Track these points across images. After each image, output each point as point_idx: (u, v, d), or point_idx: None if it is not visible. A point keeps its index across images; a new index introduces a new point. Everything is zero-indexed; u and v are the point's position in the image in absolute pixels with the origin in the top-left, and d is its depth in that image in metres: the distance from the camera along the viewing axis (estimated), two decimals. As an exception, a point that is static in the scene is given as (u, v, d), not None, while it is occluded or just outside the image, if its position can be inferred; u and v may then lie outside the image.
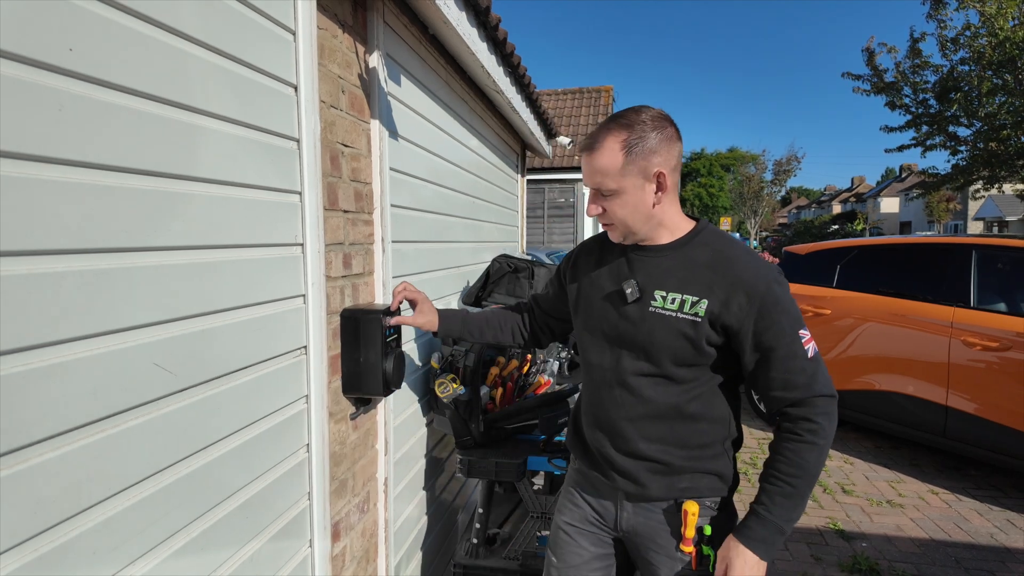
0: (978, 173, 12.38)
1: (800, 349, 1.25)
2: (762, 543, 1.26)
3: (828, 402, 1.26)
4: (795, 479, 1.25)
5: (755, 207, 30.05)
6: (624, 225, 1.32)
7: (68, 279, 0.82)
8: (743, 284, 1.26)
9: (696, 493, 1.36)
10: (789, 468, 1.25)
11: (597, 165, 1.27)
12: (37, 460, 0.78)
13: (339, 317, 1.62)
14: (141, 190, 0.95)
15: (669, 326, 1.30)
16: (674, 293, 1.30)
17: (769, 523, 1.26)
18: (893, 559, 3.04)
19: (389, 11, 1.89)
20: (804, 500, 1.27)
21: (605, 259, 1.44)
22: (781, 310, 1.25)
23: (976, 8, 10.17)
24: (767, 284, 1.26)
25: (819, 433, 1.25)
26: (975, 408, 3.77)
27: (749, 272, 1.27)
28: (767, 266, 1.30)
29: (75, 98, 0.83)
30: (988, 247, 4.06)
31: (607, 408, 1.40)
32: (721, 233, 1.38)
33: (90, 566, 0.86)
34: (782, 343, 1.25)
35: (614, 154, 1.25)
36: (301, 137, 1.40)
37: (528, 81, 3.36)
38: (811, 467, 1.25)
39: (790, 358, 1.25)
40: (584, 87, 12.48)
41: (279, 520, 1.35)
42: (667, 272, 1.33)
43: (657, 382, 1.34)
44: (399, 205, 2.03)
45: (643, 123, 1.26)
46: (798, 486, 1.25)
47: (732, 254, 1.31)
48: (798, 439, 1.25)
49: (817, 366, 1.27)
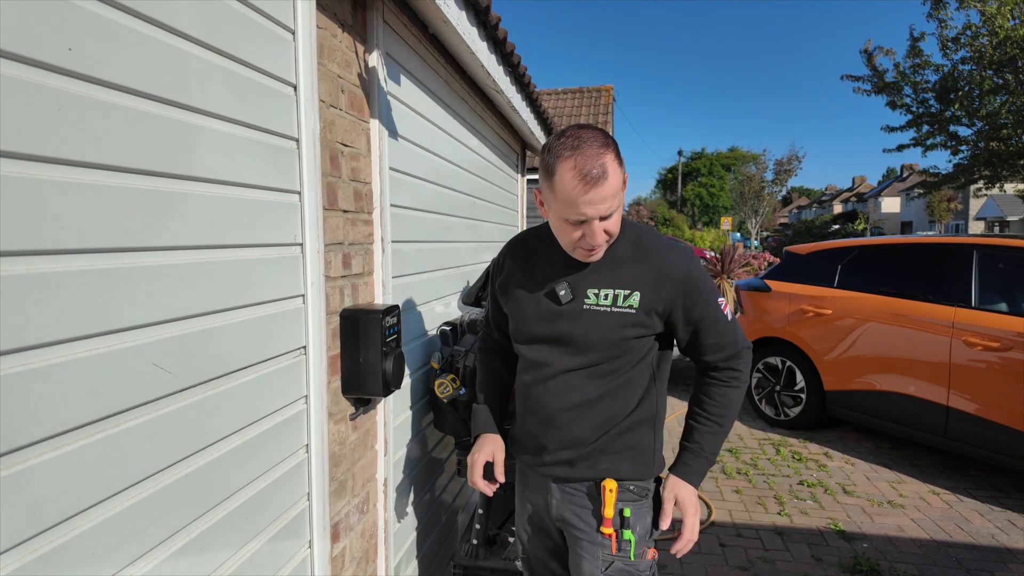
0: (979, 172, 12.38)
1: (721, 315, 1.42)
2: (697, 475, 1.44)
3: (747, 352, 1.46)
4: (722, 417, 1.44)
5: (756, 207, 30.03)
6: (610, 239, 1.34)
7: (68, 279, 0.82)
8: (667, 271, 1.37)
9: (616, 475, 1.43)
10: (717, 408, 1.44)
11: (608, 191, 1.24)
12: (36, 460, 0.78)
13: (339, 317, 1.62)
14: (141, 190, 0.94)
15: (605, 320, 1.37)
16: (606, 289, 1.37)
17: (702, 457, 1.44)
18: (894, 559, 3.04)
19: (389, 10, 1.89)
20: (727, 434, 1.47)
21: (532, 263, 1.48)
22: (701, 286, 1.39)
23: (977, 7, 10.16)
24: (686, 267, 1.38)
25: (741, 378, 1.45)
26: (976, 408, 3.77)
27: (669, 258, 1.38)
28: (680, 249, 1.42)
29: (75, 98, 0.83)
30: (989, 247, 4.05)
31: (543, 401, 1.45)
32: (635, 225, 1.45)
33: (89, 566, 0.86)
34: (708, 314, 1.40)
35: (617, 175, 1.26)
36: (300, 137, 1.40)
37: (528, 80, 3.36)
38: (734, 406, 1.45)
39: (716, 323, 1.41)
40: (584, 87, 12.47)
41: (278, 521, 1.35)
42: (594, 270, 1.39)
43: (592, 373, 1.41)
44: (399, 205, 2.02)
45: (611, 139, 1.28)
46: (724, 424, 1.44)
47: (648, 243, 1.41)
48: (725, 384, 1.45)
49: (735, 325, 1.45)
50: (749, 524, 3.43)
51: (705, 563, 3.02)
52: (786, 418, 5.06)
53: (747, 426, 5.17)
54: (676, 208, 46.18)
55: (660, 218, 32.31)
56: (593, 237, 1.29)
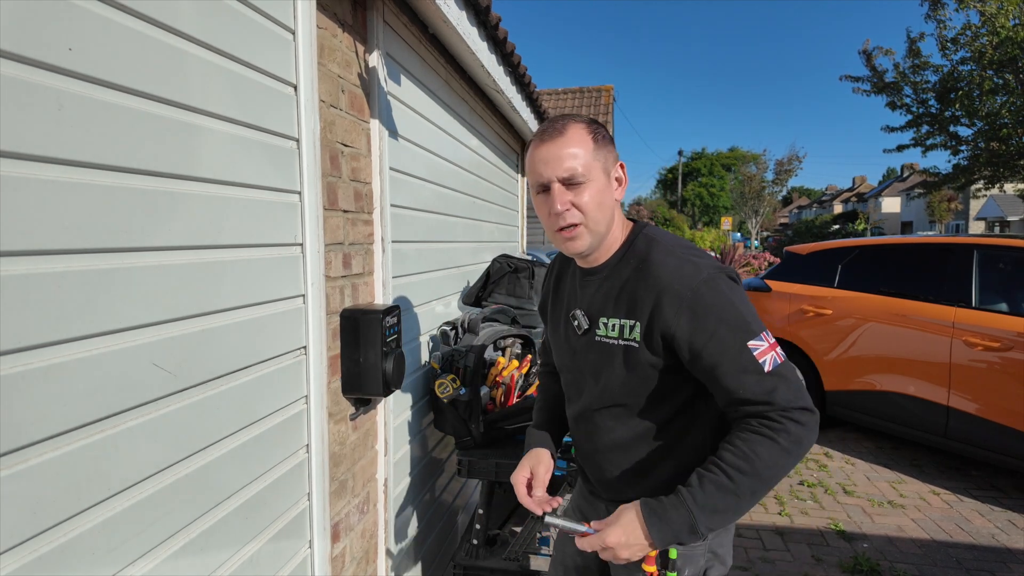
0: (979, 173, 12.38)
1: (751, 363, 1.05)
2: (662, 524, 1.04)
3: (800, 414, 1.04)
4: (736, 472, 1.02)
5: (756, 207, 30.02)
6: (592, 224, 1.15)
7: (68, 279, 0.82)
8: (666, 292, 1.09)
9: None
10: (734, 459, 1.03)
11: (565, 150, 1.11)
12: (37, 460, 0.78)
13: (339, 317, 1.62)
14: (141, 190, 0.94)
15: (615, 355, 1.18)
16: (614, 319, 1.18)
17: (682, 507, 1.04)
18: (894, 560, 3.04)
19: (389, 10, 1.89)
20: (738, 501, 1.03)
21: (560, 286, 1.35)
22: (716, 318, 1.06)
23: (976, 8, 10.16)
24: (692, 288, 1.08)
25: (780, 431, 1.02)
26: (976, 408, 3.77)
27: (671, 277, 1.10)
28: (695, 266, 1.11)
29: (75, 98, 0.83)
30: (989, 247, 4.05)
31: (579, 439, 1.35)
32: (652, 235, 1.21)
33: (90, 566, 0.86)
34: (725, 359, 1.06)
35: (583, 139, 1.12)
36: (301, 137, 1.40)
37: (528, 80, 3.36)
38: (760, 462, 1.01)
39: (739, 374, 1.05)
40: (584, 87, 12.48)
41: (279, 521, 1.35)
42: (607, 296, 1.20)
43: (617, 414, 1.23)
44: (399, 205, 2.02)
45: (595, 120, 1.19)
46: (737, 480, 1.02)
47: (654, 258, 1.15)
48: (752, 431, 1.04)
49: (778, 381, 1.05)
50: (749, 524, 3.43)
51: (705, 563, 3.02)
52: (786, 418, 5.05)
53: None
54: (676, 208, 46.19)
55: (660, 218, 32.31)
56: (552, 205, 1.12)
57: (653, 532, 1.05)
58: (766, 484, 1.03)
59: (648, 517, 1.06)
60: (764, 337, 1.07)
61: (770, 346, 1.07)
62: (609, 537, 1.08)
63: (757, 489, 1.03)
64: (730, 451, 1.04)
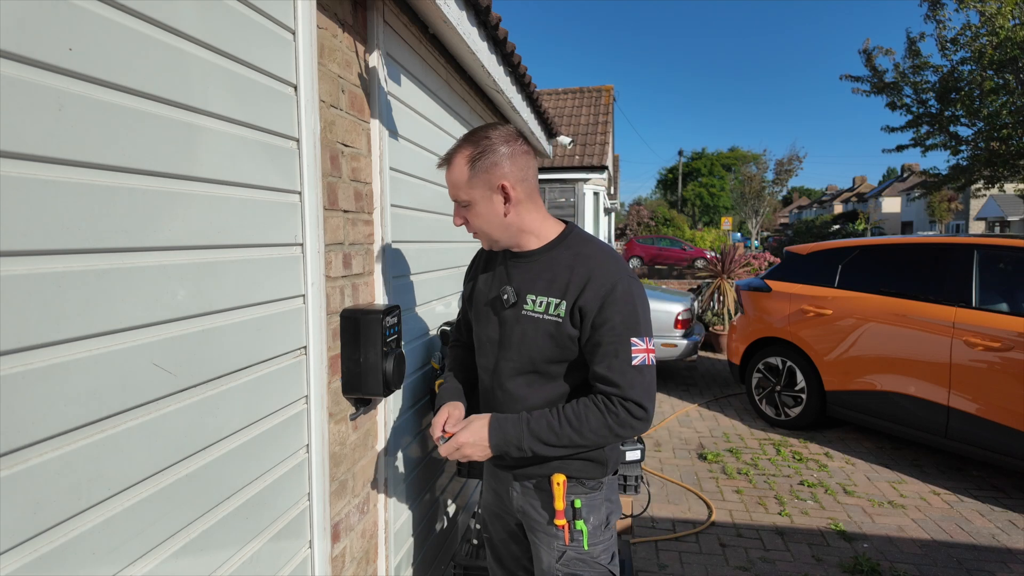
0: (979, 173, 12.39)
1: (625, 353, 1.28)
2: (500, 434, 1.34)
3: (635, 408, 1.29)
4: (567, 423, 1.30)
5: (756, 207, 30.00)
6: (483, 233, 1.43)
7: (68, 279, 0.82)
8: (593, 280, 1.32)
9: (566, 471, 1.44)
10: (571, 414, 1.31)
11: (450, 179, 1.40)
12: (37, 460, 0.78)
13: (339, 317, 1.62)
14: (141, 190, 0.94)
15: (538, 328, 1.38)
16: (541, 296, 1.39)
17: (519, 428, 1.33)
18: (895, 560, 3.04)
19: (389, 10, 1.89)
20: (558, 442, 1.31)
21: (490, 266, 1.55)
22: (617, 309, 1.30)
23: (976, 8, 10.17)
24: (613, 282, 1.31)
25: (613, 413, 1.29)
26: (977, 409, 3.77)
27: (600, 269, 1.33)
28: (620, 266, 1.36)
29: (75, 98, 0.83)
30: (990, 247, 4.05)
31: (491, 407, 1.51)
32: (585, 236, 1.45)
33: (90, 566, 0.86)
34: (608, 341, 1.29)
35: (461, 168, 1.37)
36: (301, 137, 1.40)
37: (528, 80, 3.36)
38: (586, 426, 1.29)
39: (611, 356, 1.29)
40: (584, 87, 12.47)
41: (279, 521, 1.35)
42: (536, 276, 1.41)
43: (531, 380, 1.42)
44: (399, 205, 2.02)
45: (489, 139, 1.36)
46: (564, 429, 1.30)
47: (589, 253, 1.38)
48: (595, 402, 1.31)
49: (635, 376, 1.28)
50: (750, 524, 3.43)
51: (705, 563, 3.02)
52: (786, 418, 5.05)
53: (747, 426, 5.17)
54: (677, 208, 46.19)
55: (660, 218, 32.29)
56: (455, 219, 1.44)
57: (492, 438, 1.35)
58: (583, 443, 1.31)
59: (492, 426, 1.36)
60: (646, 341, 1.32)
61: (646, 349, 1.31)
62: (460, 437, 1.37)
63: (575, 443, 1.32)
64: (572, 408, 1.32)
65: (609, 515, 1.50)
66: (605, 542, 1.48)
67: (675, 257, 22.97)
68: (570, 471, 1.44)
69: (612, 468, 1.50)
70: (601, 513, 1.48)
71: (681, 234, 29.41)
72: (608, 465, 1.48)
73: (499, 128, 1.40)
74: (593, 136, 11.04)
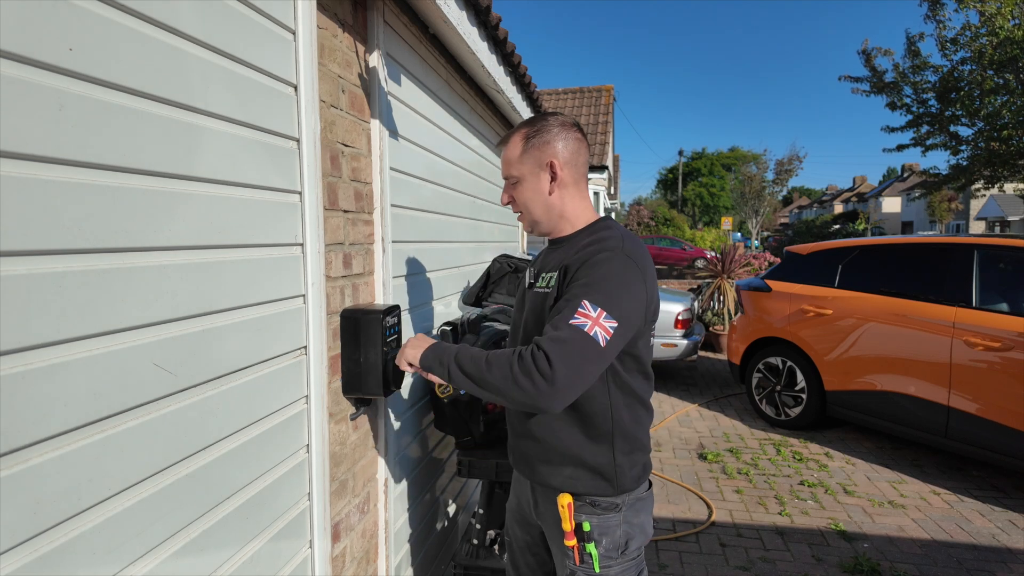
0: (979, 173, 12.38)
1: (570, 312, 1.20)
2: (433, 351, 1.34)
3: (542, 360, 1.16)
4: (481, 358, 1.24)
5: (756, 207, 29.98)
6: (527, 211, 1.45)
7: (68, 279, 0.82)
8: (584, 252, 1.33)
9: (572, 489, 1.38)
10: (490, 354, 1.25)
11: (504, 156, 1.46)
12: (37, 460, 0.78)
13: (339, 317, 1.62)
14: (141, 190, 0.94)
15: (536, 301, 1.40)
16: (549, 273, 1.40)
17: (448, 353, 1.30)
18: (895, 560, 3.04)
19: (389, 10, 1.89)
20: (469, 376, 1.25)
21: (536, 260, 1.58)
22: (587, 271, 1.26)
23: (976, 8, 10.16)
24: (596, 252, 1.30)
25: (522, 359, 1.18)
26: (977, 409, 3.76)
27: (595, 245, 1.33)
28: (615, 241, 1.33)
29: (75, 98, 0.83)
30: (990, 247, 4.05)
31: (511, 418, 1.52)
32: (611, 223, 1.44)
33: (90, 566, 0.86)
34: (565, 295, 1.27)
35: (516, 145, 1.43)
36: (301, 137, 1.40)
37: (529, 80, 3.36)
38: (495, 364, 1.21)
39: (559, 312, 1.23)
40: (584, 87, 12.48)
41: (279, 521, 1.35)
42: (555, 259, 1.42)
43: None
44: (399, 205, 2.02)
45: (547, 122, 1.43)
46: (477, 362, 1.24)
47: (605, 236, 1.37)
48: (514, 352, 1.21)
49: (568, 334, 1.17)
50: (750, 524, 3.43)
51: (706, 563, 3.02)
52: (787, 418, 5.05)
53: (748, 426, 5.17)
54: (677, 208, 46.18)
55: (660, 218, 32.28)
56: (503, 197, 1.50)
57: (425, 352, 1.34)
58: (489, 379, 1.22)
59: (436, 343, 1.36)
60: (600, 311, 1.21)
61: (595, 319, 1.20)
62: (405, 346, 1.40)
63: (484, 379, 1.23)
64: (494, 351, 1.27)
65: (629, 540, 1.39)
66: (621, 565, 1.38)
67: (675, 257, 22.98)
68: (578, 487, 1.37)
69: (628, 485, 1.37)
70: (615, 536, 1.37)
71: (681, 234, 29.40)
72: (616, 481, 1.36)
73: (558, 115, 1.46)
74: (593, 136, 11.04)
